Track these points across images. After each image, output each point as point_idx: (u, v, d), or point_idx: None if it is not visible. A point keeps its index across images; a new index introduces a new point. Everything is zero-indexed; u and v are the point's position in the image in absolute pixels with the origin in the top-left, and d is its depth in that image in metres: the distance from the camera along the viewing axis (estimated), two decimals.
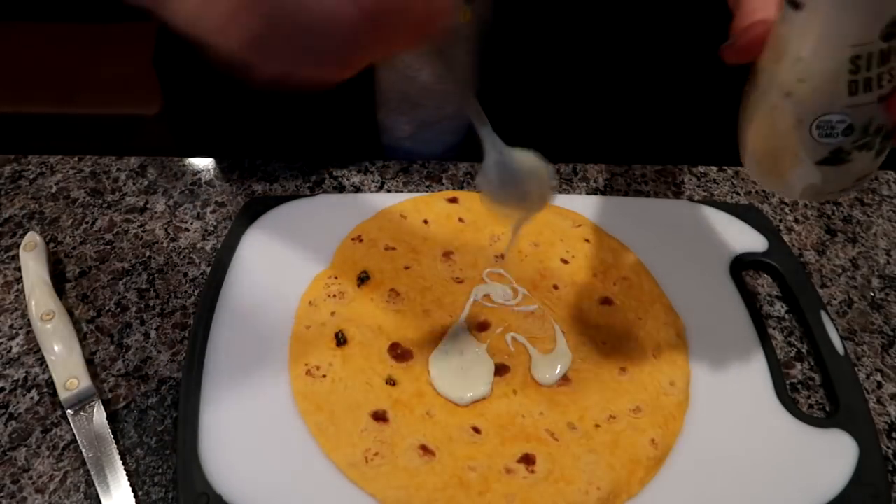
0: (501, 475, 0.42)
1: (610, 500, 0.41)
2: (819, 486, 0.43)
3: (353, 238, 0.55)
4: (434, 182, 0.63)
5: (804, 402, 0.49)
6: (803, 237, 0.60)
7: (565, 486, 0.41)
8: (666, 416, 0.45)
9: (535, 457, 0.42)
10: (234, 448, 0.43)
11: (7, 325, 0.51)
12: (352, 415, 0.44)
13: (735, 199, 0.63)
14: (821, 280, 0.57)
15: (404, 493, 0.41)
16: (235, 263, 0.53)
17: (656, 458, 0.43)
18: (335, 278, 0.52)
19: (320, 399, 0.45)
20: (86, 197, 0.61)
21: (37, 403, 0.47)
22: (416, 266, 0.53)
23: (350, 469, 0.42)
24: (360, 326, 0.49)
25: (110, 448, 0.43)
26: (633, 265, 0.54)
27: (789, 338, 0.52)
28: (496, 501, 0.41)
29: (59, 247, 0.56)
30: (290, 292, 0.51)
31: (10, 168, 0.63)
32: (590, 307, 0.51)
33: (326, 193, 0.61)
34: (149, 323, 0.51)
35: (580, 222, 0.57)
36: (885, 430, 0.47)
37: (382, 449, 0.43)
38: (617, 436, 0.44)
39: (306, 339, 0.48)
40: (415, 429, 0.44)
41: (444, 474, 0.42)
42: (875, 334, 0.53)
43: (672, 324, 0.50)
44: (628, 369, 0.47)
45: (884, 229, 0.61)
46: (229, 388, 0.46)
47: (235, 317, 0.50)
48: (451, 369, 0.47)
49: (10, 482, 0.43)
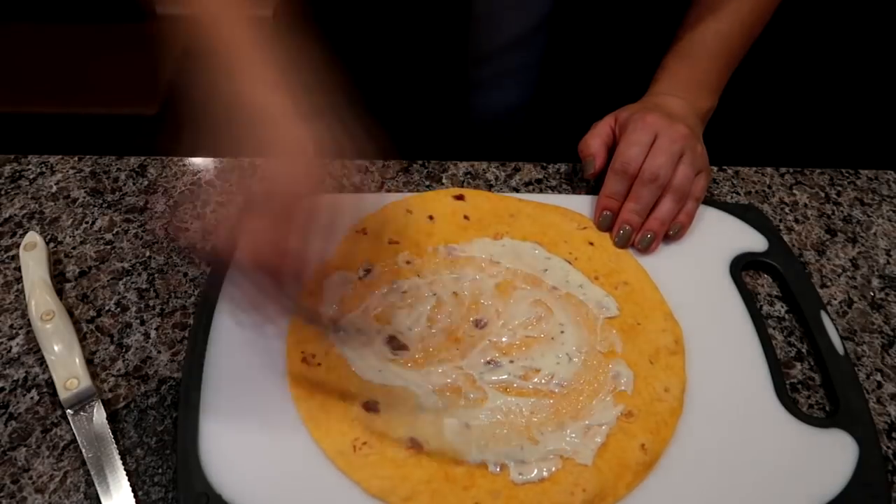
0: (487, 472, 0.42)
1: (595, 502, 0.41)
2: (819, 486, 0.43)
3: (357, 230, 0.55)
4: (434, 182, 0.63)
5: (804, 402, 0.49)
6: (803, 237, 0.60)
7: (551, 486, 0.42)
8: (658, 422, 0.45)
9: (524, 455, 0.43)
10: (234, 448, 0.43)
11: (7, 325, 0.51)
12: (343, 403, 0.45)
13: (735, 199, 0.63)
14: (821, 280, 0.57)
15: (389, 483, 0.41)
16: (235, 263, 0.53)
17: (645, 464, 0.43)
18: (337, 269, 0.52)
19: (313, 386, 0.46)
20: (86, 197, 0.61)
21: (37, 403, 0.47)
22: (417, 261, 0.53)
23: (338, 457, 0.42)
24: (358, 317, 0.49)
25: (110, 448, 0.43)
26: (635, 270, 0.54)
27: (789, 338, 0.52)
28: (481, 497, 0.41)
29: (59, 247, 0.56)
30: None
31: (10, 168, 0.63)
32: (590, 311, 0.51)
33: (326, 193, 0.61)
34: (149, 323, 0.51)
35: (585, 224, 0.57)
36: (885, 430, 0.47)
37: (371, 439, 0.43)
38: (607, 439, 0.44)
39: (305, 328, 0.49)
40: (405, 421, 0.44)
41: (430, 468, 0.42)
42: (875, 334, 0.53)
43: (671, 330, 0.50)
44: (623, 374, 0.47)
45: (884, 229, 0.61)
46: (229, 387, 0.46)
47: (235, 316, 0.50)
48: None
49: (10, 482, 0.43)
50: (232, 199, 0.41)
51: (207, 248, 0.50)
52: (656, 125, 0.56)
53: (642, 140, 0.56)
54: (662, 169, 0.55)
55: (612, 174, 0.57)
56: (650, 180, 0.55)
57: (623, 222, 0.56)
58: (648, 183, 0.55)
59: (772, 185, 0.65)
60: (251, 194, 0.43)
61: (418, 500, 0.41)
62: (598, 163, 0.58)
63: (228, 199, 0.61)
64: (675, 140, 0.55)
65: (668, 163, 0.55)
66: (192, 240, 0.51)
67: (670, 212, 0.55)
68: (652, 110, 0.58)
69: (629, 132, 0.57)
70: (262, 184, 0.42)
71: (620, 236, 0.55)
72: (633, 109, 0.59)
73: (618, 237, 0.56)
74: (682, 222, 0.56)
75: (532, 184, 0.63)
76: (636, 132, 0.56)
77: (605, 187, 0.57)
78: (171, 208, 0.59)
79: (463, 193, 0.58)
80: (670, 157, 0.55)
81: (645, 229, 0.55)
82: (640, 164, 0.55)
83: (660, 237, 0.56)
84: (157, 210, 0.59)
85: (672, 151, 0.55)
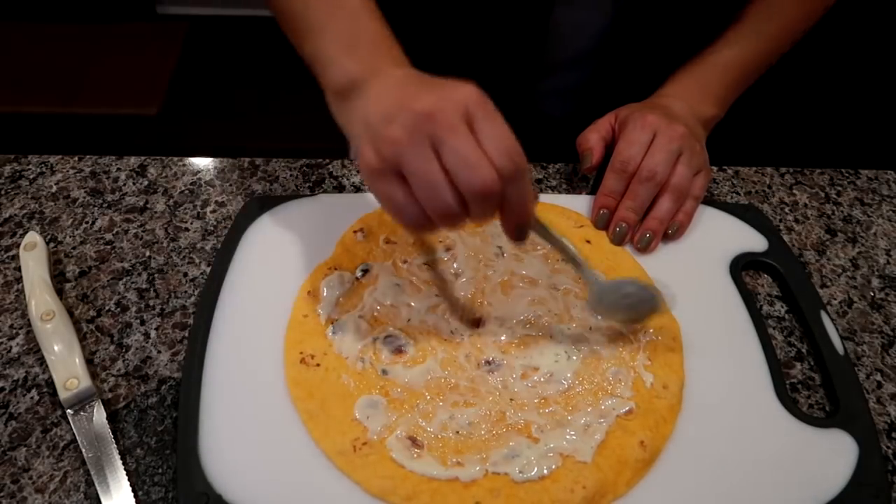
0: (487, 471, 0.42)
1: (595, 499, 0.41)
2: (819, 486, 0.43)
3: (354, 230, 0.55)
4: None
5: (804, 402, 0.49)
6: (803, 237, 0.60)
7: (551, 484, 0.42)
8: (657, 418, 0.45)
9: (523, 454, 0.43)
10: (234, 448, 0.43)
11: (7, 325, 0.51)
12: (343, 404, 0.45)
13: (735, 199, 0.63)
14: (821, 280, 0.57)
15: (389, 482, 0.41)
16: (235, 263, 0.53)
17: (644, 461, 0.43)
18: (335, 269, 0.52)
19: (313, 387, 0.45)
20: (86, 197, 0.61)
21: (37, 403, 0.47)
22: (414, 261, 0.53)
23: (338, 457, 0.42)
24: (356, 317, 0.49)
25: (110, 448, 0.43)
26: (632, 267, 0.54)
27: (789, 338, 0.52)
28: (481, 496, 0.41)
29: (59, 247, 0.56)
30: (289, 284, 0.51)
31: (10, 168, 0.63)
32: (588, 308, 0.51)
33: (326, 193, 0.61)
34: (149, 323, 0.51)
35: (582, 223, 0.57)
36: (885, 430, 0.47)
37: (371, 439, 0.43)
38: (606, 437, 0.44)
39: (303, 327, 0.49)
40: (405, 420, 0.44)
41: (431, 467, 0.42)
42: (875, 334, 0.53)
43: (668, 327, 0.50)
44: (622, 371, 0.47)
45: (884, 229, 0.61)
46: (229, 387, 0.46)
47: (235, 316, 0.50)
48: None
49: (10, 482, 0.43)
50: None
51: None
52: (655, 124, 0.56)
53: (641, 139, 0.56)
54: (660, 167, 0.55)
55: (610, 172, 0.57)
56: (647, 178, 0.55)
57: (619, 220, 0.56)
58: (645, 181, 0.55)
59: (772, 185, 0.65)
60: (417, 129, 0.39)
61: (419, 499, 0.41)
62: (595, 157, 0.58)
63: (228, 199, 0.60)
64: (672, 139, 0.55)
65: (665, 161, 0.55)
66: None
67: (668, 211, 0.56)
68: (652, 110, 0.58)
69: (628, 131, 0.57)
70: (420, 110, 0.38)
71: (616, 234, 0.56)
72: (633, 108, 0.59)
73: (613, 235, 0.56)
74: (681, 221, 0.56)
75: (532, 184, 0.63)
76: (635, 131, 0.56)
77: (603, 185, 0.57)
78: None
79: None
80: (668, 155, 0.55)
81: (643, 228, 0.55)
82: (639, 162, 0.56)
83: (658, 236, 0.56)
84: (158, 210, 0.59)
85: (670, 150, 0.55)
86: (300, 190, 0.62)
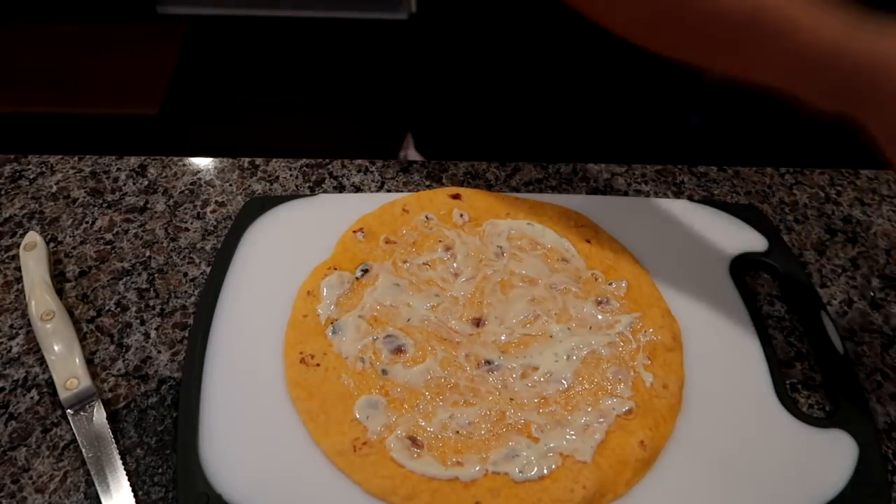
0: (487, 470, 0.42)
1: (595, 499, 0.41)
2: (819, 486, 0.43)
3: (354, 230, 0.55)
4: (434, 182, 0.63)
5: (804, 402, 0.49)
6: (803, 237, 0.60)
7: (551, 484, 0.42)
8: (657, 418, 0.45)
9: (523, 454, 0.43)
10: (234, 448, 0.43)
11: (7, 325, 0.51)
12: (343, 404, 0.45)
13: (735, 199, 0.63)
14: (821, 280, 0.57)
15: (389, 482, 0.41)
16: (235, 263, 0.53)
17: (644, 460, 0.43)
18: (334, 269, 0.52)
19: (312, 387, 0.45)
20: (86, 197, 0.61)
21: (37, 403, 0.47)
22: (414, 261, 0.53)
23: (338, 457, 0.42)
24: (356, 317, 0.49)
25: (110, 448, 0.43)
26: (632, 266, 0.54)
27: (789, 338, 0.52)
28: (481, 496, 0.41)
29: (59, 247, 0.56)
30: (289, 284, 0.51)
31: (10, 168, 0.63)
32: (588, 308, 0.51)
33: (326, 193, 0.61)
34: (149, 323, 0.51)
35: (582, 222, 0.57)
36: (885, 430, 0.47)
37: (371, 439, 0.43)
38: (606, 436, 0.44)
39: (303, 327, 0.49)
40: (405, 420, 0.44)
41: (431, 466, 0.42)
42: (875, 334, 0.53)
43: (668, 327, 0.50)
44: (621, 371, 0.47)
45: (884, 229, 0.61)
46: (229, 387, 0.46)
47: (235, 316, 0.50)
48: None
49: (10, 482, 0.43)
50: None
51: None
52: None
53: None
54: None
55: None
56: None
57: None
58: None
59: (772, 185, 0.65)
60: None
61: (419, 499, 0.41)
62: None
63: (228, 199, 0.60)
64: None
65: None
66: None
67: None
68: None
69: None
70: None
71: None
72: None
73: None
74: None
75: (532, 184, 0.63)
76: None
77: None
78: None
79: (459, 192, 0.58)
80: None
81: None
82: None
83: None
84: (158, 210, 0.59)
85: None
86: (300, 190, 0.62)
